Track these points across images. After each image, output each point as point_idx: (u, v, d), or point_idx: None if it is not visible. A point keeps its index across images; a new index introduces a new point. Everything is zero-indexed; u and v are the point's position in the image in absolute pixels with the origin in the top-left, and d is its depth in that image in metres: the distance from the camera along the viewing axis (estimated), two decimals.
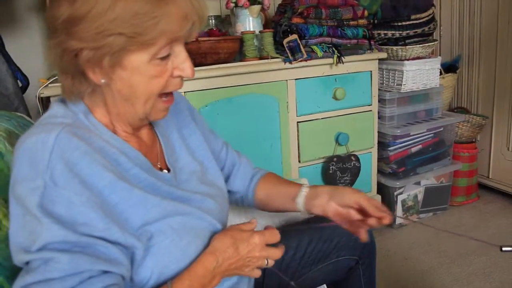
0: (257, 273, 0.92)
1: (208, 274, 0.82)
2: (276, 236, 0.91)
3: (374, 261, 1.30)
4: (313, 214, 1.07)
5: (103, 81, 0.77)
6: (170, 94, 0.85)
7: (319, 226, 1.15)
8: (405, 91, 2.27)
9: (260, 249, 0.87)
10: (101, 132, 0.82)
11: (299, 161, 2.09)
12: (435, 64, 2.37)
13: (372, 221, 0.96)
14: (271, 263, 0.92)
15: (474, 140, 2.69)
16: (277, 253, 0.92)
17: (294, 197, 1.07)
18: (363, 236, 1.01)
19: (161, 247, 0.80)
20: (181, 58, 0.80)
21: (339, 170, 2.14)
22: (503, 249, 0.90)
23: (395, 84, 2.29)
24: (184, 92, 1.78)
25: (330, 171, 2.12)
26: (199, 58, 1.84)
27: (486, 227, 2.38)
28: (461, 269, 2.00)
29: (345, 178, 2.17)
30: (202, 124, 1.09)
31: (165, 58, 0.78)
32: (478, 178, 2.77)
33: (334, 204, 1.02)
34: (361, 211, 0.99)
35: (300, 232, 1.18)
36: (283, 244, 1.09)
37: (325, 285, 1.29)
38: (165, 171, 0.92)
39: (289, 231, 1.18)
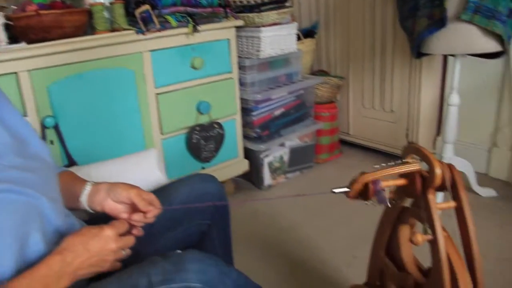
0: (118, 266, 0.94)
1: (53, 274, 0.80)
2: (125, 224, 0.95)
3: (228, 223, 1.36)
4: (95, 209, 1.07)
5: None
6: None
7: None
8: (264, 57, 2.35)
9: (115, 241, 0.89)
10: None
11: (162, 133, 2.08)
12: (292, 29, 2.47)
13: (136, 217, 1.03)
14: (128, 251, 0.95)
15: (333, 100, 2.87)
16: (131, 240, 0.95)
17: (79, 196, 1.07)
18: (134, 231, 1.04)
19: None
20: None
21: (202, 139, 2.17)
22: (334, 190, 0.97)
23: (254, 50, 2.35)
24: (28, 70, 1.68)
25: (194, 140, 2.15)
26: (41, 33, 1.73)
27: (348, 178, 2.57)
28: (324, 221, 2.16)
29: (210, 146, 2.21)
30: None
31: None
32: (340, 135, 2.98)
33: (110, 200, 1.05)
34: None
35: None
36: None
37: (178, 251, 1.32)
38: None
39: None
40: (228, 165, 2.38)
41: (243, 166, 2.46)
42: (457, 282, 0.89)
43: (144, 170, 1.39)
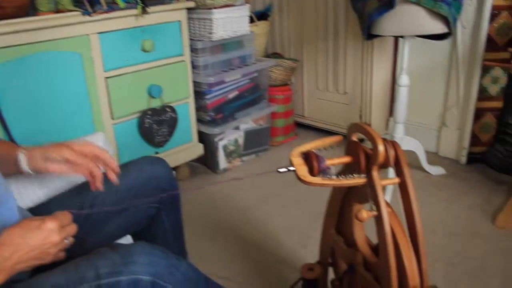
0: (62, 256, 0.91)
1: None
2: (68, 216, 0.92)
3: (179, 206, 1.34)
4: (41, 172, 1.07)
5: None
6: None
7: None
8: (216, 39, 2.32)
9: (58, 233, 0.86)
10: None
11: (112, 118, 2.03)
12: (244, 11, 2.45)
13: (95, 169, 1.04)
14: (71, 240, 0.92)
15: (288, 82, 2.88)
16: (73, 228, 0.93)
17: (16, 161, 1.04)
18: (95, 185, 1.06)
19: None
20: None
21: (155, 123, 2.13)
22: (279, 170, 0.98)
23: (206, 33, 2.32)
24: None
25: (146, 125, 2.11)
26: None
27: None
28: (278, 202, 2.18)
29: (163, 130, 2.18)
30: None
31: None
32: (295, 118, 2.99)
33: (50, 163, 1.04)
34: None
35: (91, 197, 1.16)
36: (78, 201, 1.11)
37: (129, 236, 1.30)
38: None
39: (84, 187, 1.16)
40: (183, 149, 2.36)
41: (198, 150, 2.44)
42: (402, 256, 0.92)
43: None
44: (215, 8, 2.28)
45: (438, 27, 1.88)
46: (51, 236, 0.85)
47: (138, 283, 0.84)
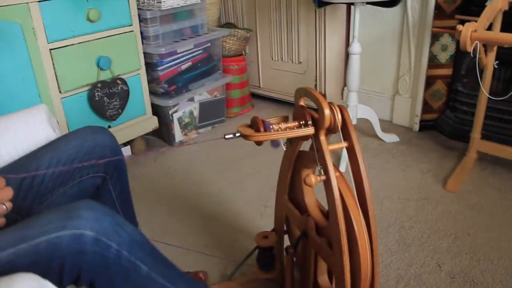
0: (2, 222, 0.89)
1: None
2: (1, 180, 0.90)
3: (124, 174, 1.31)
4: None
5: None
6: None
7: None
8: (165, 8, 2.25)
9: None
10: None
11: (60, 92, 1.95)
12: None
13: None
14: (9, 205, 0.90)
15: (242, 53, 2.84)
16: (8, 192, 0.90)
17: None
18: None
19: None
20: None
21: (106, 96, 2.07)
22: (226, 136, 0.96)
23: (155, 2, 2.25)
24: None
25: (97, 98, 2.04)
26: None
27: None
28: (235, 174, 2.17)
29: (114, 103, 2.11)
30: None
31: None
32: (251, 89, 2.97)
33: None
34: None
35: (37, 157, 1.12)
36: (19, 172, 1.06)
37: None
38: None
39: (28, 157, 1.13)
40: (136, 122, 2.31)
41: (152, 123, 2.39)
42: (351, 219, 0.93)
43: (32, 126, 1.29)
44: None
45: None
46: None
47: (80, 237, 0.83)
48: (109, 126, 2.18)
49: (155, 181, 2.14)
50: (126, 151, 2.38)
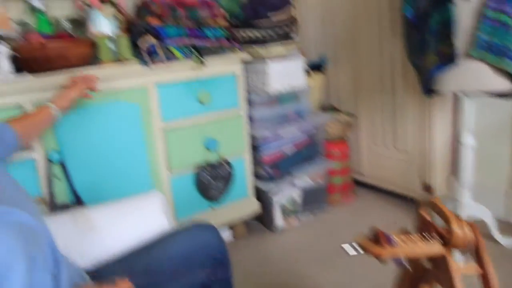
0: None
1: None
2: (128, 285, 0.94)
3: (230, 274, 1.30)
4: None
5: None
6: None
7: None
8: (272, 91, 2.27)
9: None
10: None
11: (169, 171, 1.98)
12: (299, 63, 2.41)
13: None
14: None
15: (344, 138, 2.77)
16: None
17: (52, 117, 1.42)
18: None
19: None
20: None
21: (212, 178, 2.07)
22: (348, 252, 0.92)
23: (262, 85, 2.28)
24: (31, 102, 1.60)
25: (203, 180, 2.04)
26: (46, 64, 1.67)
27: (362, 224, 2.44)
28: (338, 273, 1.99)
29: (219, 185, 2.10)
30: None
31: None
32: (353, 175, 2.85)
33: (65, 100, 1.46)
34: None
35: (149, 254, 1.19)
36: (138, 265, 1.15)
37: None
38: None
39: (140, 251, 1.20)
40: (238, 205, 2.26)
41: (254, 206, 2.33)
42: None
43: (147, 215, 1.37)
44: (269, 60, 2.25)
45: (503, 84, 1.74)
46: None
47: None
48: (211, 207, 2.15)
49: (254, 269, 2.04)
50: (228, 235, 2.33)
